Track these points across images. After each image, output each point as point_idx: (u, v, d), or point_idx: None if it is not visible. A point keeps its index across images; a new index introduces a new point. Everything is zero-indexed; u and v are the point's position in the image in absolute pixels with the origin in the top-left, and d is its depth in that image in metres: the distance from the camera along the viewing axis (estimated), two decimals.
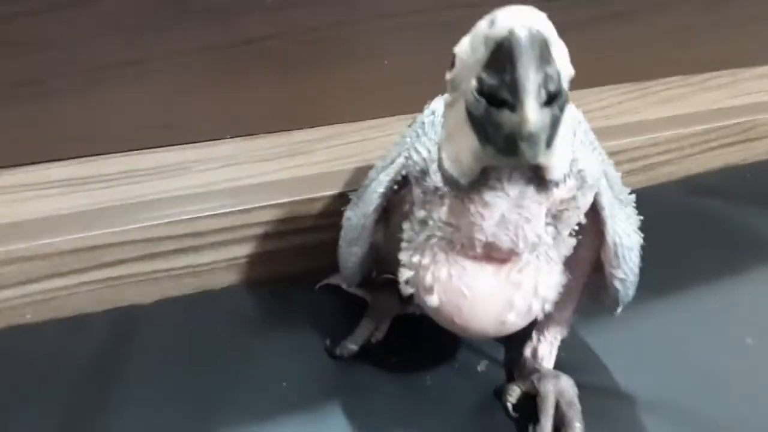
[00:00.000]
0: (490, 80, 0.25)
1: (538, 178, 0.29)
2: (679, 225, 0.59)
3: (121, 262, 0.47)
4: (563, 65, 0.26)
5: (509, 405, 0.40)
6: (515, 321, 0.34)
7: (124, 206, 0.48)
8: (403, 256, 0.35)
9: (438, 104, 0.38)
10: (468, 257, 0.32)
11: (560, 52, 0.27)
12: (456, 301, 0.33)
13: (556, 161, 0.28)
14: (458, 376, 0.43)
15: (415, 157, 0.33)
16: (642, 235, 0.38)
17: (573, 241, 0.36)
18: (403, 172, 0.36)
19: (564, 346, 0.44)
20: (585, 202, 0.35)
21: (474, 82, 0.26)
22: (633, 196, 0.40)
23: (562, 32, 0.27)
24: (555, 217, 0.33)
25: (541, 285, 0.33)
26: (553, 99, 0.25)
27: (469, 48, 0.27)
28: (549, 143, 0.26)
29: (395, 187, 0.37)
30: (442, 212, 0.32)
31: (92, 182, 0.49)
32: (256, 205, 0.49)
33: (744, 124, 0.68)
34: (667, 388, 0.42)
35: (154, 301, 0.49)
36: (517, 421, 0.40)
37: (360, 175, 0.44)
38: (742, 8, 0.71)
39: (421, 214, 0.34)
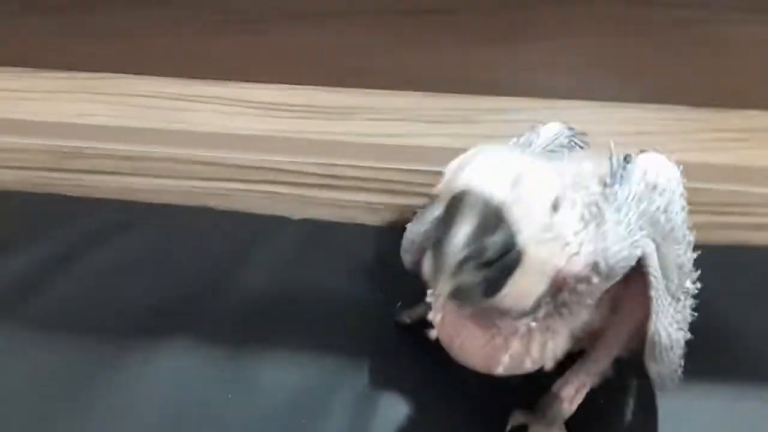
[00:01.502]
0: (437, 229, 0.27)
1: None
2: None
3: (282, 183, 0.58)
4: (530, 220, 0.26)
5: (508, 428, 0.40)
6: (506, 373, 0.34)
7: (299, 139, 0.58)
8: None
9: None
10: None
11: (531, 208, 0.27)
12: (448, 343, 0.34)
13: (509, 302, 0.28)
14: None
15: None
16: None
17: (586, 316, 0.34)
18: None
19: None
20: (595, 289, 0.32)
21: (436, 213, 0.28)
22: (694, 287, 0.36)
23: None
24: (556, 294, 0.31)
25: (534, 350, 0.33)
26: (492, 263, 0.26)
27: (449, 174, 0.28)
28: (490, 293, 0.27)
29: None
30: None
31: (276, 109, 0.59)
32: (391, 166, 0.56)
33: None
34: None
35: (300, 218, 0.58)
36: None
37: None
38: None
39: None
